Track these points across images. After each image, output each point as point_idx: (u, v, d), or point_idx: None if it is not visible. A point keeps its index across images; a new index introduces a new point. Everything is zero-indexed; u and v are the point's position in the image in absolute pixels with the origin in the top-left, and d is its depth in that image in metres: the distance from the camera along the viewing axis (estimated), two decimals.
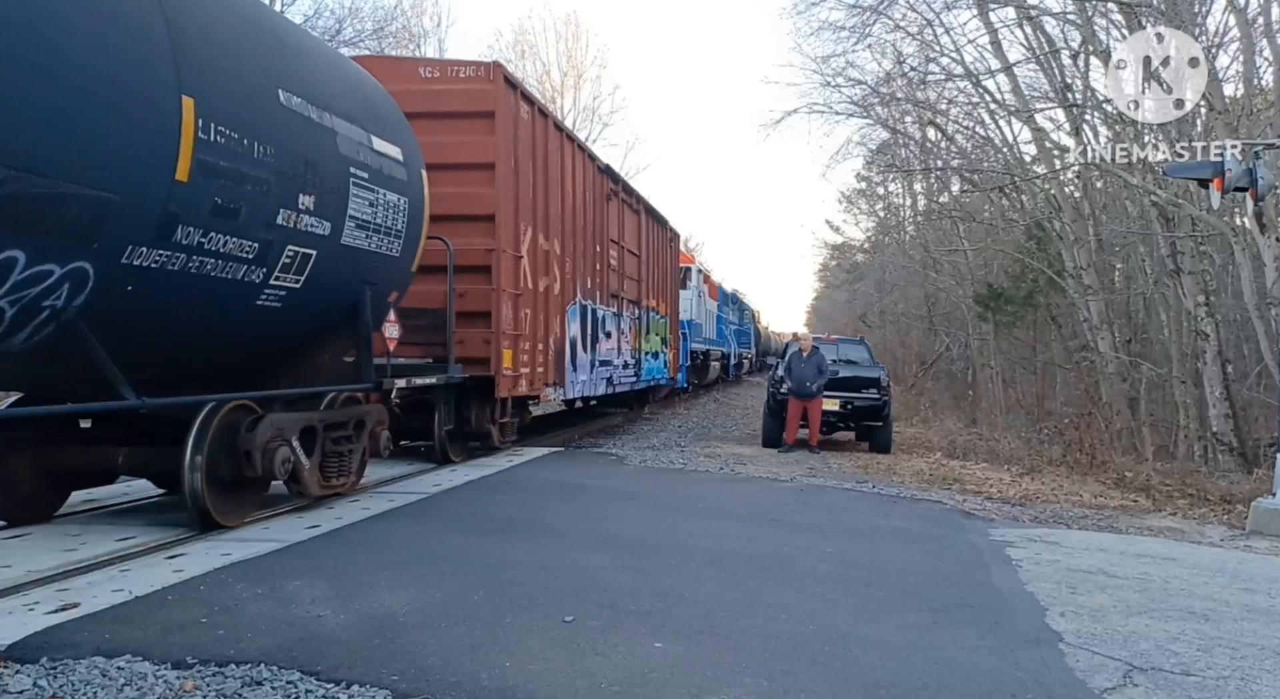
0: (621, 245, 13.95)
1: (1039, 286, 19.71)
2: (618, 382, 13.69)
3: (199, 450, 5.30)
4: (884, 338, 35.54)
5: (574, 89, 33.99)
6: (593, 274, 12.29)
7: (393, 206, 6.69)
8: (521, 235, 9.47)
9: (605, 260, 12.92)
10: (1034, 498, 9.42)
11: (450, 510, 6.67)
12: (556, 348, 10.65)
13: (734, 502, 8.04)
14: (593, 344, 12.24)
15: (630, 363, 14.59)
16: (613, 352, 13.34)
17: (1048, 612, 4.76)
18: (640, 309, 15.26)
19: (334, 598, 4.15)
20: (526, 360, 9.62)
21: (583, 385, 11.90)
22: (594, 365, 12.26)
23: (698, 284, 23.67)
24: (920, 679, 3.63)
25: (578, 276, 11.52)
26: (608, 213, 13.04)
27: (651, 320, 16.30)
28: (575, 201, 11.43)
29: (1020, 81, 17.72)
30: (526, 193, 9.65)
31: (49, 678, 3.09)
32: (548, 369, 10.33)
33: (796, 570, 5.38)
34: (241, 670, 3.25)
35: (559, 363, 10.75)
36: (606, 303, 12.93)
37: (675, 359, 18.92)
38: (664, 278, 17.70)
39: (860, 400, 12.89)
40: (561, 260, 10.84)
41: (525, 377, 9.62)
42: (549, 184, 10.37)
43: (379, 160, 6.53)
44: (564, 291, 10.98)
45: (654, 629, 4.01)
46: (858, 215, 39.09)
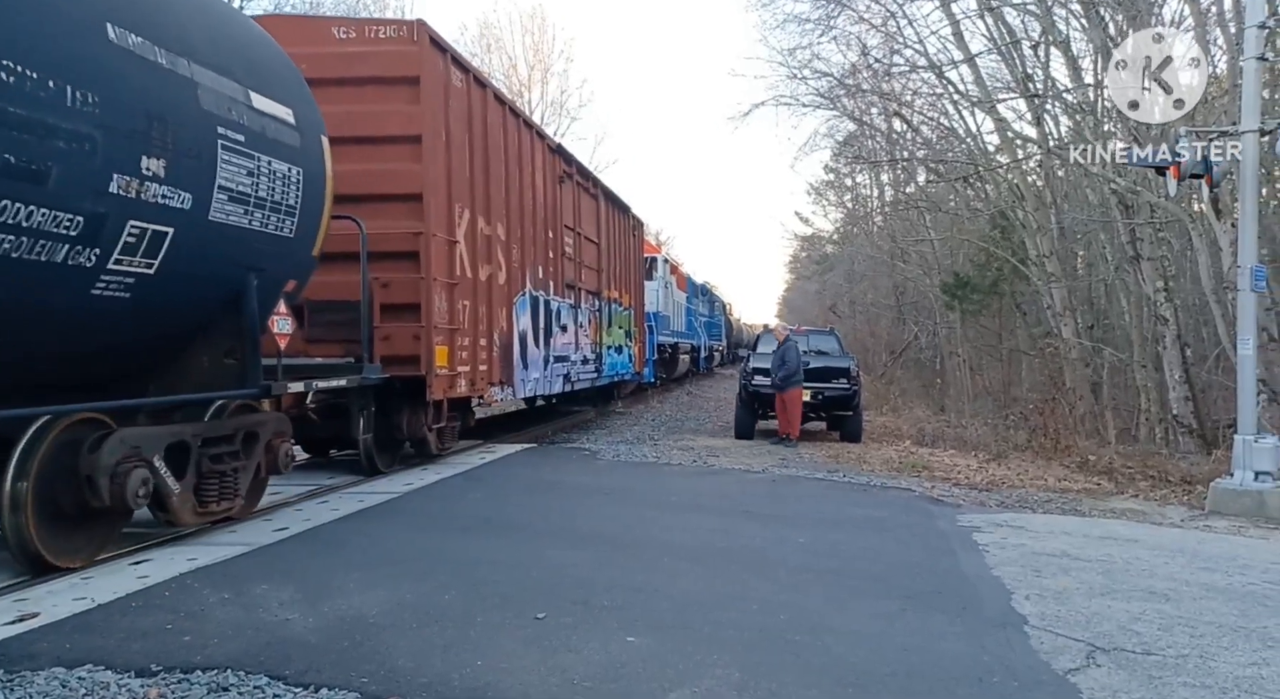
0: (578, 232, 12.95)
1: (1004, 275, 19.98)
2: (577, 378, 12.83)
3: (22, 476, 4.33)
4: (854, 328, 35.85)
5: (541, 83, 33.80)
6: (545, 262, 11.27)
7: (282, 178, 5.59)
8: (456, 218, 8.42)
9: (559, 248, 11.93)
10: (1000, 483, 9.56)
11: (421, 510, 6.63)
12: (503, 343, 9.71)
13: (707, 494, 8.08)
14: (546, 338, 11.28)
15: (590, 358, 13.63)
16: (570, 346, 12.39)
17: (1013, 595, 4.83)
18: (600, 300, 14.29)
19: (302, 601, 4.11)
20: (466, 358, 8.63)
21: (535, 383, 10.96)
22: (549, 361, 11.34)
23: (664, 274, 22.82)
24: (891, 666, 3.68)
25: (527, 265, 10.53)
26: (561, 197, 12.02)
27: (613, 312, 15.37)
28: (523, 183, 10.41)
29: (983, 72, 17.93)
30: (462, 170, 8.61)
31: (5, 690, 3.03)
32: (492, 367, 9.36)
33: (769, 561, 5.42)
34: (208, 676, 3.21)
35: (506, 359, 9.80)
36: (562, 294, 12.00)
37: (641, 353, 17.97)
38: (627, 268, 16.69)
39: (831, 390, 12.98)
40: (507, 247, 9.86)
41: (465, 376, 8.61)
42: (490, 162, 9.31)
43: (261, 122, 5.40)
44: (511, 281, 9.98)
45: (627, 624, 4.02)
46: (826, 207, 39.39)
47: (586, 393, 14.75)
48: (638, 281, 17.94)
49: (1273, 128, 8.40)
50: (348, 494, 7.15)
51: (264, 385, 5.77)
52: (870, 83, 20.35)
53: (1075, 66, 16.18)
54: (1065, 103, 16.32)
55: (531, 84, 33.37)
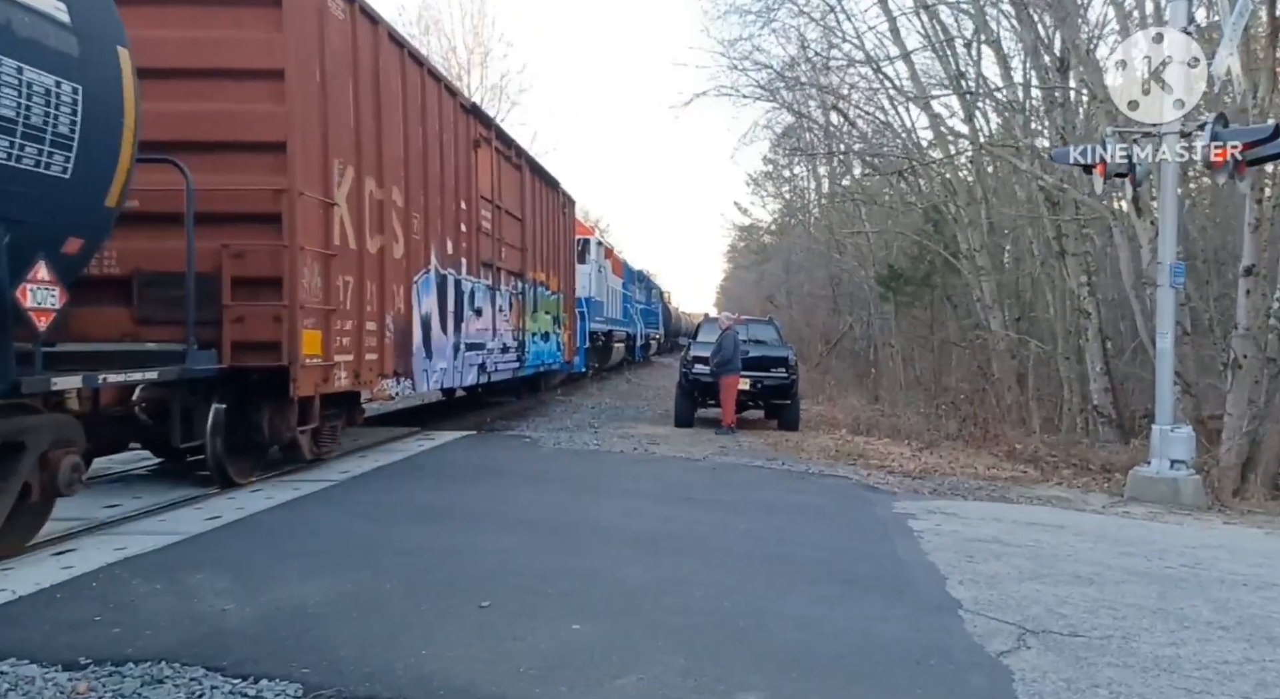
0: (498, 205, 11.71)
1: (936, 267, 20.46)
2: (495, 368, 11.73)
3: None
4: (791, 318, 36.27)
5: (481, 67, 33.22)
6: (456, 237, 10.02)
7: (43, 94, 4.18)
8: (335, 175, 7.10)
9: (474, 221, 10.68)
10: (933, 471, 9.82)
11: (359, 497, 6.51)
12: (400, 328, 8.40)
13: (649, 481, 8.12)
14: (457, 323, 10.07)
15: (511, 345, 12.53)
16: (486, 333, 11.26)
17: (948, 580, 4.98)
18: (524, 282, 13.17)
19: (239, 591, 4.00)
20: (348, 345, 7.32)
21: (442, 375, 9.69)
22: (459, 349, 10.13)
23: (598, 258, 21.56)
24: (832, 649, 3.76)
25: (432, 238, 9.26)
26: (477, 163, 10.79)
27: (539, 296, 14.34)
28: (427, 142, 9.13)
29: (918, 68, 18.30)
30: (343, 119, 7.28)
31: None
32: (385, 356, 8.03)
33: (711, 548, 5.48)
34: (141, 669, 3.10)
35: (403, 347, 8.48)
36: (476, 273, 10.79)
37: (571, 341, 17.00)
38: (555, 248, 15.62)
39: (769, 379, 13.14)
40: (406, 215, 8.56)
41: (346, 366, 7.29)
42: (383, 114, 8.01)
43: (5, 12, 4.08)
44: (411, 256, 8.68)
45: (572, 611, 4.01)
46: (765, 198, 39.76)
47: (508, 384, 13.74)
48: (568, 264, 16.89)
49: (1191, 130, 8.76)
50: (282, 482, 6.93)
51: (13, 381, 4.33)
52: (809, 76, 20.62)
53: (1006, 65, 16.64)
54: (996, 101, 16.76)
55: (471, 67, 32.81)
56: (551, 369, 15.90)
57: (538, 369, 14.60)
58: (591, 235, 22.13)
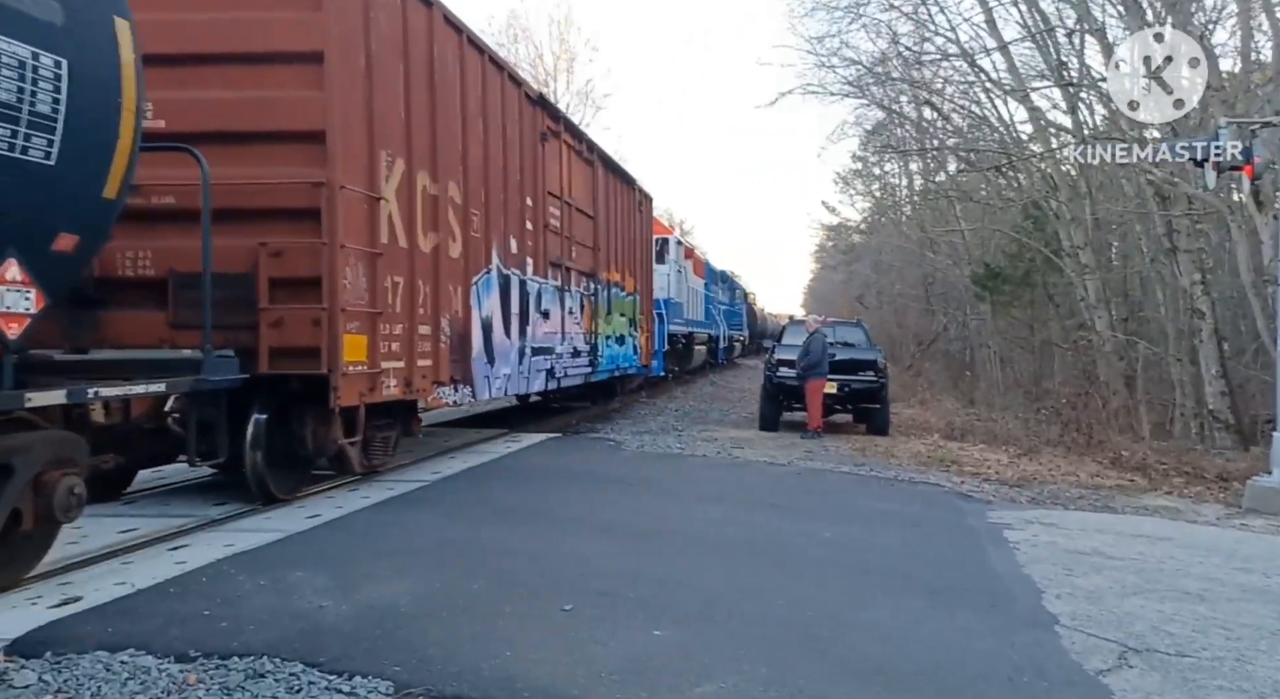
0: (567, 202, 11.01)
1: (1036, 266, 19.71)
2: (564, 374, 11.12)
3: None
4: (881, 319, 35.53)
5: (567, 73, 33.76)
6: (521, 235, 9.40)
7: (20, 68, 3.58)
8: (382, 168, 6.54)
9: (541, 219, 10.04)
10: (1031, 479, 9.46)
11: (449, 498, 6.69)
12: (457, 332, 7.87)
13: (731, 486, 8.08)
14: (522, 326, 9.44)
15: (582, 349, 11.89)
16: (554, 336, 10.62)
17: (1044, 594, 4.79)
18: (596, 283, 12.47)
19: (335, 588, 4.18)
20: (398, 350, 6.80)
21: (506, 381, 9.05)
22: (525, 354, 9.55)
23: (678, 258, 20.72)
24: (917, 663, 3.67)
25: (494, 236, 8.65)
26: (544, 157, 10.17)
27: (614, 298, 13.56)
28: (489, 135, 8.48)
29: (1016, 60, 17.66)
30: (391, 108, 6.74)
31: (53, 673, 3.12)
32: (440, 362, 7.46)
33: (794, 555, 5.42)
34: (244, 663, 3.28)
35: (461, 353, 7.96)
36: (544, 273, 10.17)
37: (648, 344, 16.31)
38: (631, 248, 14.82)
39: (858, 382, 12.91)
40: (464, 212, 7.96)
41: (396, 374, 6.76)
42: (439, 104, 7.43)
43: None
44: (470, 255, 8.08)
45: (652, 616, 4.04)
46: (854, 196, 39.06)
47: (576, 390, 12.92)
48: (645, 264, 16.16)
49: None
50: (377, 482, 7.16)
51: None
52: (900, 71, 20.13)
53: (1111, 54, 15.87)
54: (1101, 92, 16.02)
55: (558, 73, 33.37)
56: (627, 373, 15.31)
57: (612, 374, 13.93)
58: (670, 234, 21.33)
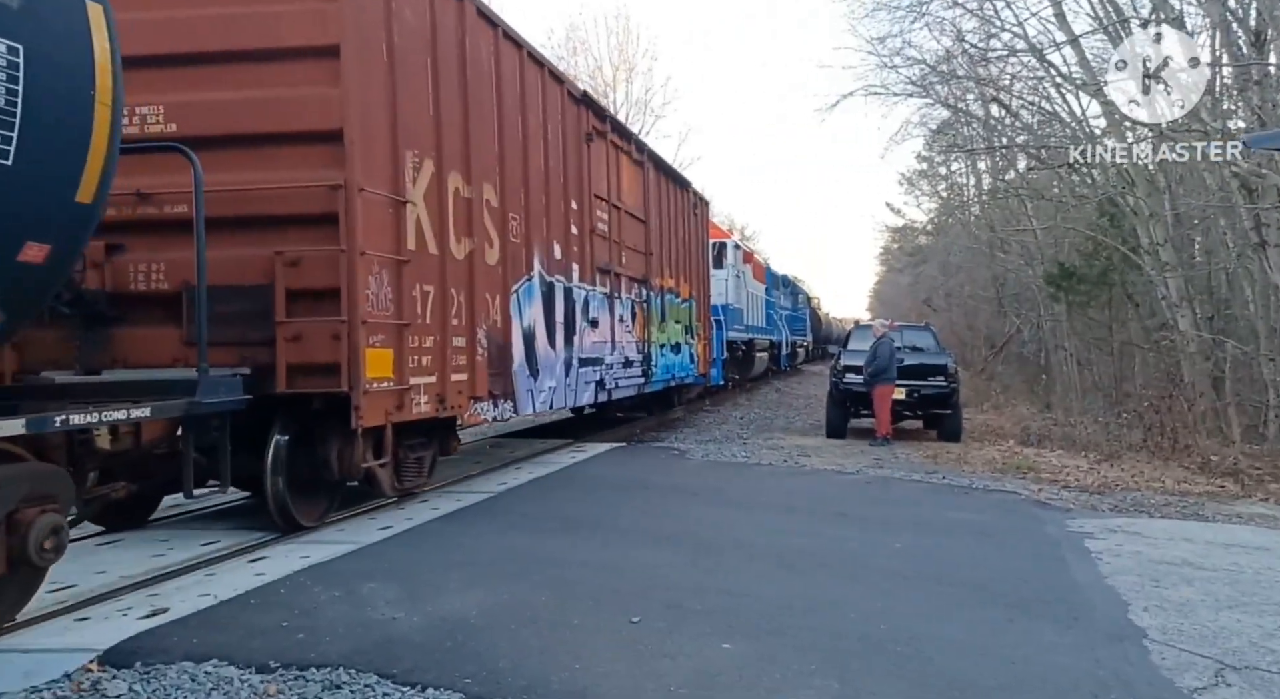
0: (615, 205, 10.63)
1: (1113, 264, 19.01)
2: (614, 384, 10.67)
3: None
4: (950, 321, 34.74)
5: (625, 83, 33.93)
6: (565, 240, 8.98)
7: None
8: (407, 170, 6.15)
9: (587, 223, 9.64)
10: (1113, 485, 9.11)
11: (515, 509, 6.76)
12: (496, 343, 7.44)
13: (799, 495, 7.98)
14: (568, 336, 9.03)
15: (634, 359, 11.42)
16: (603, 346, 10.19)
17: (1130, 606, 4.61)
18: (648, 290, 12.00)
19: (406, 600, 4.25)
20: (429, 364, 6.39)
21: (550, 394, 8.63)
22: (571, 365, 9.13)
23: (736, 262, 19.93)
24: (996, 679, 3.55)
25: (536, 242, 8.27)
26: (589, 159, 9.77)
27: (668, 304, 13.10)
28: (528, 135, 8.09)
29: (1087, 53, 17.10)
30: (418, 104, 6.34)
31: (142, 683, 3.24)
32: (477, 375, 7.06)
33: (865, 567, 5.32)
34: (321, 674, 3.35)
35: (501, 365, 7.54)
36: (591, 280, 9.76)
37: (706, 351, 15.83)
38: (686, 253, 14.46)
39: (927, 388, 12.65)
40: (502, 216, 7.55)
41: (426, 389, 6.33)
42: (472, 101, 7.02)
43: None
44: (510, 262, 7.68)
45: (720, 629, 4.00)
46: (919, 197, 38.25)
47: (629, 401, 12.53)
48: (701, 270, 15.76)
49: None
50: (445, 493, 7.28)
51: None
52: (965, 68, 19.67)
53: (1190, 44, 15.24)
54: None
55: (616, 84, 33.57)
56: (684, 383, 14.83)
57: (667, 384, 13.52)
58: (728, 238, 20.53)
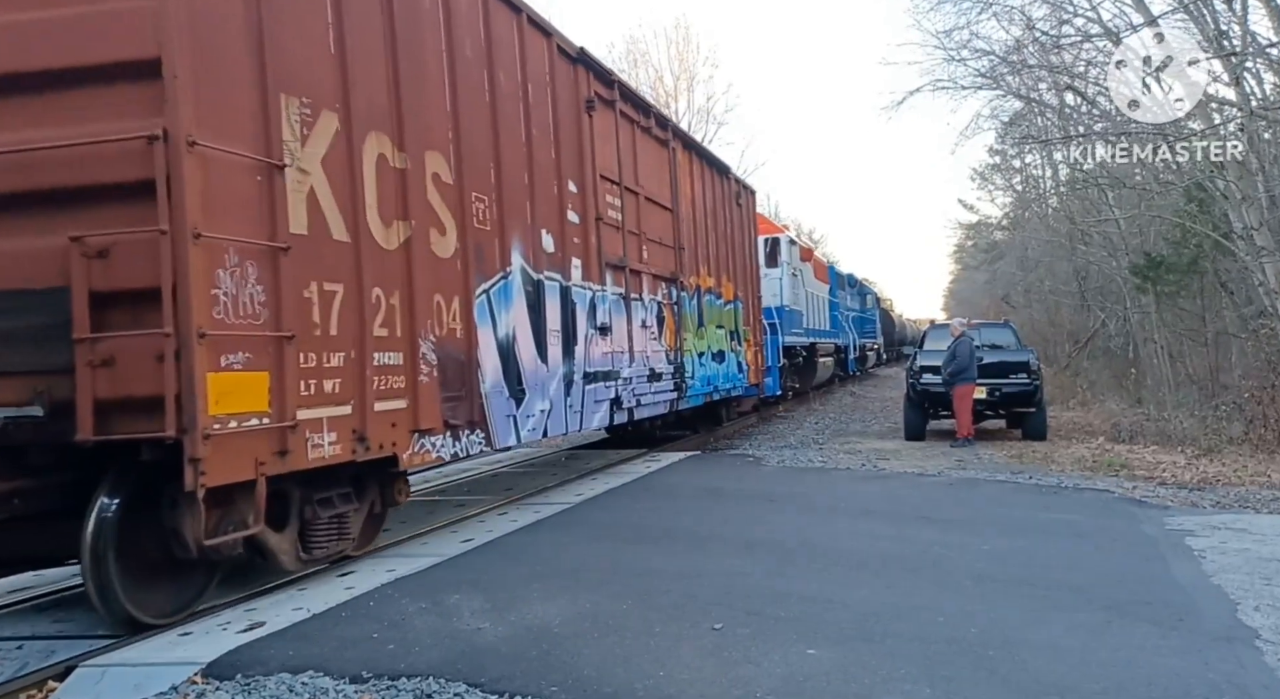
0: (631, 189, 9.09)
1: (1204, 251, 18.17)
2: (635, 401, 8.97)
3: None
4: (1031, 317, 33.69)
5: (687, 92, 34.02)
6: (560, 230, 7.45)
7: None
8: (288, 122, 4.50)
9: (591, 209, 8.03)
10: (1214, 481, 8.69)
11: (592, 519, 6.80)
12: (454, 359, 5.78)
13: (879, 499, 7.82)
14: (567, 346, 7.43)
15: (663, 370, 9.84)
16: (618, 357, 8.55)
17: (1239, 606, 4.38)
18: (679, 290, 10.43)
19: (491, 610, 4.32)
20: (340, 390, 4.68)
21: (543, 419, 6.97)
22: (573, 382, 7.50)
23: (792, 260, 17.81)
24: (1098, 683, 3.42)
25: (514, 230, 6.65)
26: (592, 131, 8.18)
27: (707, 306, 11.51)
28: (497, 96, 6.47)
29: (1167, 34, 16.45)
30: (308, 35, 4.73)
31: (243, 694, 3.37)
32: (421, 402, 5.35)
33: (951, 570, 5.18)
34: (412, 684, 3.43)
35: (462, 387, 5.86)
36: (599, 278, 8.16)
37: (757, 359, 14.19)
38: (729, 248, 12.81)
39: (1009, 386, 12.30)
40: (460, 197, 5.93)
41: (334, 425, 4.63)
42: (405, 45, 5.48)
43: None
44: (473, 254, 6.03)
45: (805, 635, 3.95)
46: (993, 191, 37.23)
47: (659, 419, 10.80)
48: (749, 267, 14.08)
49: None
50: (525, 504, 7.37)
51: None
52: (1037, 57, 19.14)
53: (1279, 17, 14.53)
54: (1269, 58, 14.67)
55: (678, 93, 33.70)
56: (731, 395, 13.16)
57: (708, 397, 11.79)
58: (782, 233, 18.29)
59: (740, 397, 13.90)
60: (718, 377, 12.05)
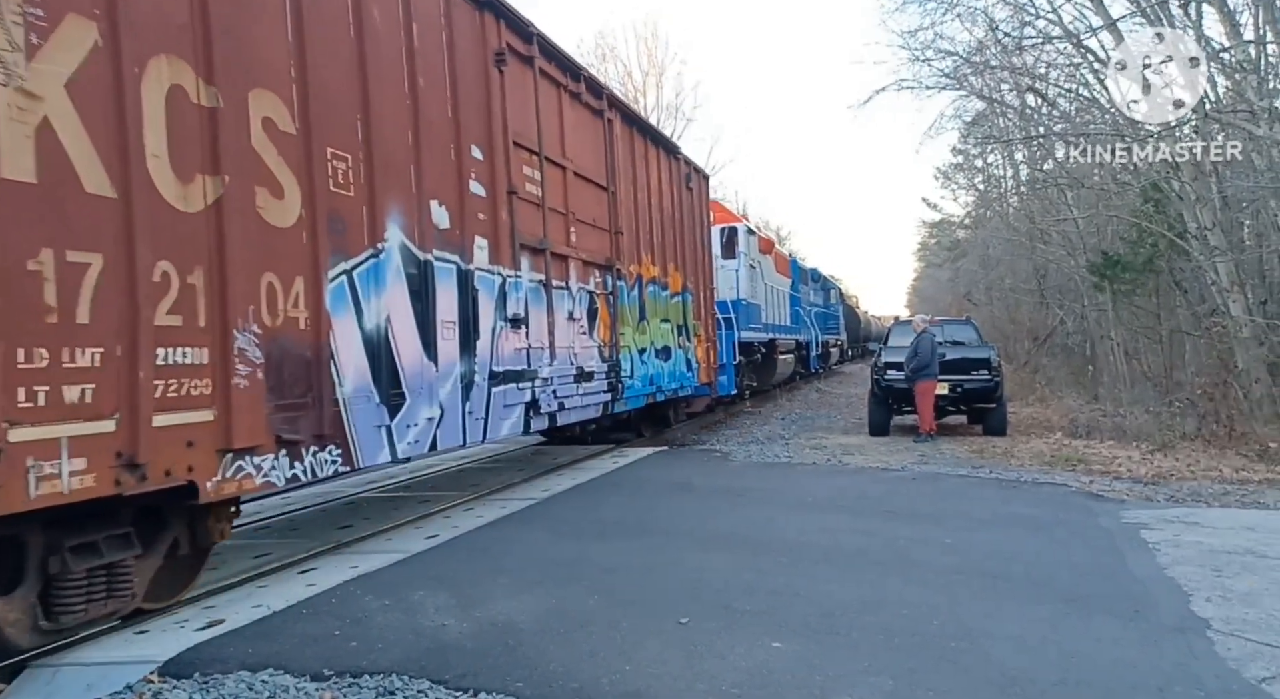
0: (558, 164, 8.08)
1: (1159, 251, 18.57)
2: (557, 405, 7.79)
3: None
4: (992, 315, 34.23)
5: (656, 88, 33.99)
6: (460, 203, 6.32)
7: None
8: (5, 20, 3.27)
9: (502, 181, 6.94)
10: (1168, 476, 8.89)
11: (559, 515, 6.78)
12: (293, 356, 4.61)
13: (845, 494, 7.89)
14: (466, 340, 6.31)
15: (595, 369, 8.70)
16: (539, 353, 7.46)
17: (1192, 597, 4.49)
18: (616, 279, 9.37)
19: (456, 606, 4.28)
20: (92, 399, 3.49)
21: (431, 428, 5.79)
22: (474, 383, 6.34)
23: (751, 252, 16.68)
24: (1058, 673, 3.48)
25: (392, 199, 5.51)
26: (503, 90, 7.02)
27: (649, 299, 10.48)
28: (369, 35, 5.38)
29: (1126, 37, 16.76)
30: None
31: (202, 692, 3.30)
32: (235, 412, 4.17)
33: (915, 563, 5.24)
34: (375, 681, 3.39)
35: (306, 392, 4.68)
36: (512, 262, 7.01)
37: (709, 356, 13.13)
38: (678, 236, 11.77)
39: (970, 382, 12.46)
40: (306, 153, 4.77)
41: (78, 446, 3.41)
42: None
43: None
44: (328, 224, 4.88)
45: (771, 629, 3.97)
46: (956, 191, 37.82)
47: (592, 423, 9.99)
48: (701, 257, 13.00)
49: None
50: (491, 500, 7.30)
51: None
52: (999, 58, 19.40)
53: (1233, 22, 14.90)
54: (1223, 62, 15.02)
55: (646, 89, 33.66)
56: (679, 395, 12.12)
57: (651, 397, 10.65)
58: (740, 222, 16.76)
59: (690, 397, 12.88)
60: (662, 375, 10.97)
